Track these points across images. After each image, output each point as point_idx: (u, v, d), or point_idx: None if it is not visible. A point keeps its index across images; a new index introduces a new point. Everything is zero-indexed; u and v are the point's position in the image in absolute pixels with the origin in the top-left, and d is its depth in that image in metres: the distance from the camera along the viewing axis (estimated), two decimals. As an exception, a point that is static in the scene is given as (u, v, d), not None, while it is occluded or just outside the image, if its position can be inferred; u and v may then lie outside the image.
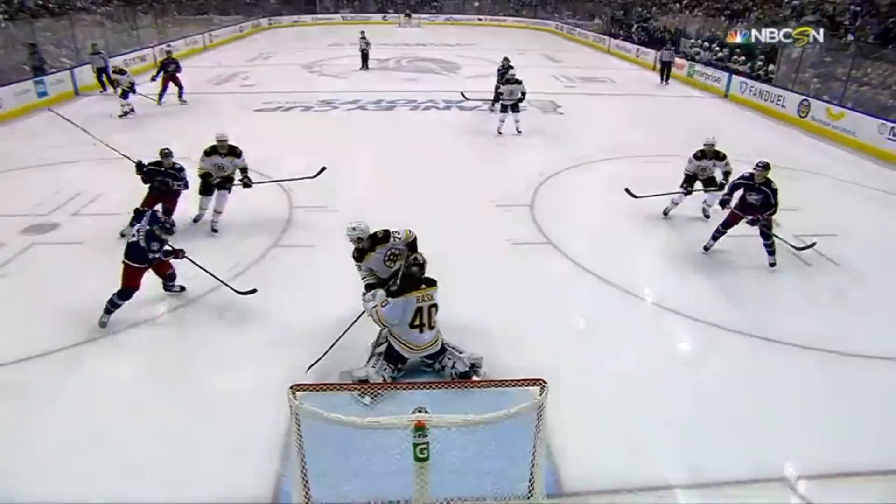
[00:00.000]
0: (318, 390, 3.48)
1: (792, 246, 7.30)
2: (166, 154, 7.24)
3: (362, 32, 21.12)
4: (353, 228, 5.27)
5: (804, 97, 14.49)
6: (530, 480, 3.69)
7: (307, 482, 3.63)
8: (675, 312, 6.18)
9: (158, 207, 7.05)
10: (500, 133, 12.45)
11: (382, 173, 10.31)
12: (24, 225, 7.90)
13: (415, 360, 4.95)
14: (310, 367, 4.91)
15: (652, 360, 5.49)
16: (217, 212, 7.74)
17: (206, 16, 31.28)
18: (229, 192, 7.78)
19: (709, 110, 16.26)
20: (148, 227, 5.60)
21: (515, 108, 12.38)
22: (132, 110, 13.87)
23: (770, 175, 6.82)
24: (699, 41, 21.41)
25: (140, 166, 7.25)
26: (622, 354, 5.50)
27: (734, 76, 17.62)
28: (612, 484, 4.05)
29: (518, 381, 3.36)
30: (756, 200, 6.86)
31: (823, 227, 8.10)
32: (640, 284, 6.68)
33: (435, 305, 4.82)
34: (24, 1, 20.65)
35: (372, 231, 5.35)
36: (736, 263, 7.24)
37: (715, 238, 7.30)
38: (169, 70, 14.90)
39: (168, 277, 6.14)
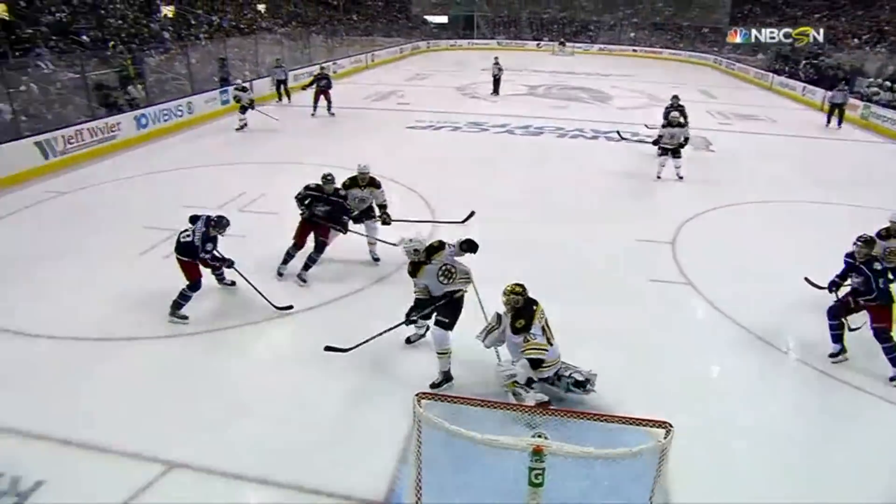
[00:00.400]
0: (443, 400, 3.57)
1: None
2: (329, 180, 6.89)
3: (496, 59, 21.23)
4: (410, 240, 5.23)
5: None
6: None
7: (420, 489, 3.74)
8: (820, 371, 5.65)
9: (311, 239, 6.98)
10: (659, 177, 11.52)
11: (524, 196, 10.38)
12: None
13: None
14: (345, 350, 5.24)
15: (792, 418, 5.07)
16: (372, 242, 7.53)
17: (370, 37, 33.49)
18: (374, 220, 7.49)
19: (884, 159, 14.68)
20: (204, 229, 6.03)
21: (676, 153, 11.39)
22: (246, 125, 14.71)
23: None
24: (879, 80, 19.44)
25: (301, 199, 6.97)
26: (757, 408, 5.12)
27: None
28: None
29: (643, 420, 3.25)
30: (857, 284, 5.62)
31: None
32: (781, 335, 6.20)
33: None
34: (221, 22, 23.31)
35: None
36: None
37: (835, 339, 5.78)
38: (321, 85, 16.28)
39: (219, 274, 6.70)
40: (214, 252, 6.14)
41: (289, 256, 7.01)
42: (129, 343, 5.77)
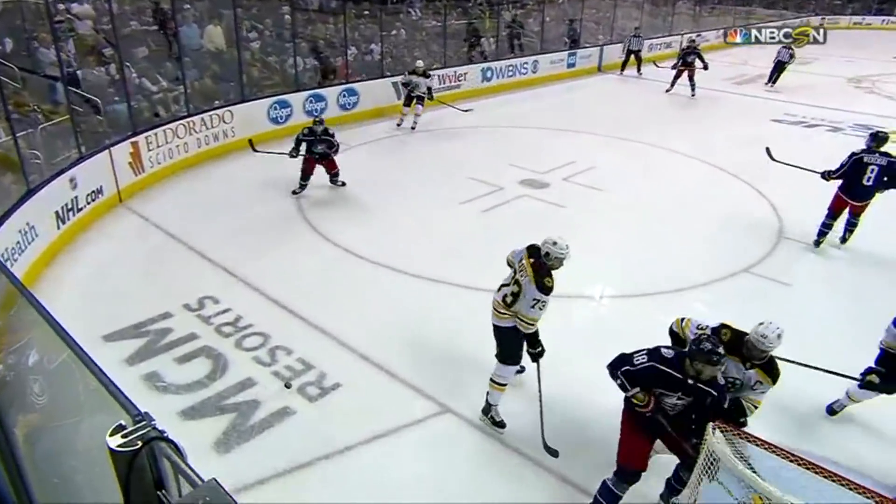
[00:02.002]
0: (745, 438, 3.33)
1: None
2: (318, 122, 8.64)
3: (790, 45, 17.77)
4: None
5: None
6: None
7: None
8: None
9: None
10: None
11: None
12: (523, 177, 9.58)
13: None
14: None
15: None
16: (416, 115, 11.91)
17: (747, 7, 31.07)
18: (421, 103, 11.78)
19: None
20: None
21: None
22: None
23: None
24: None
25: (297, 144, 8.70)
26: None
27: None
28: None
29: (853, 484, 2.69)
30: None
31: None
32: None
33: None
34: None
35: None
36: None
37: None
38: (688, 61, 15.51)
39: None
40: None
41: (301, 188, 8.84)
42: (456, 290, 6.54)
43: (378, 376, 5.21)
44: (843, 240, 7.76)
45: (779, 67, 17.52)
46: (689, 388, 3.58)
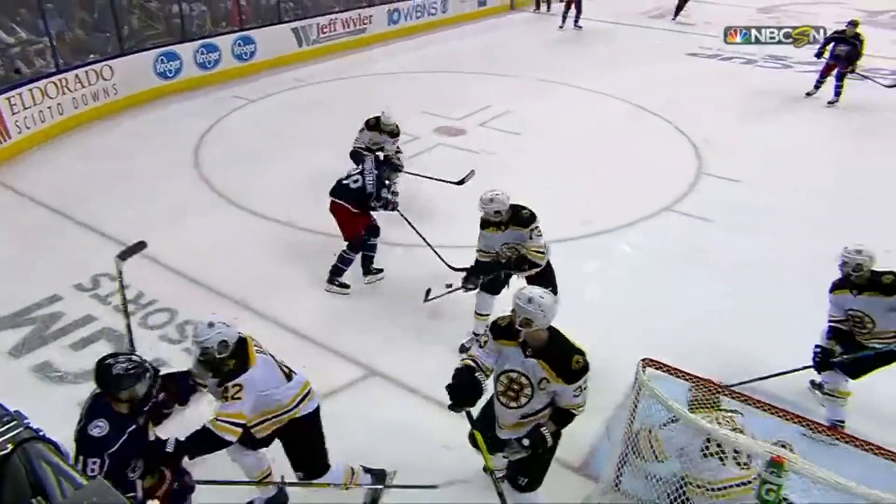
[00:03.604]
0: (671, 373, 3.49)
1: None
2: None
3: None
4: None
5: None
6: None
7: (623, 464, 3.76)
8: None
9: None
10: None
11: (821, 161, 9.17)
12: (437, 125, 9.50)
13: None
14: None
15: None
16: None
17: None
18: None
19: None
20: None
21: None
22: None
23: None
24: None
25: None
26: None
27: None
28: None
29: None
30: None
31: None
32: None
33: None
34: None
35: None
36: None
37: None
38: None
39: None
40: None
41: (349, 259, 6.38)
42: None
43: (297, 341, 5.13)
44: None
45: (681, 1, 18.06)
46: None
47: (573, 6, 16.05)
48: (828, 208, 7.48)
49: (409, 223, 6.09)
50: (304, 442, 3.57)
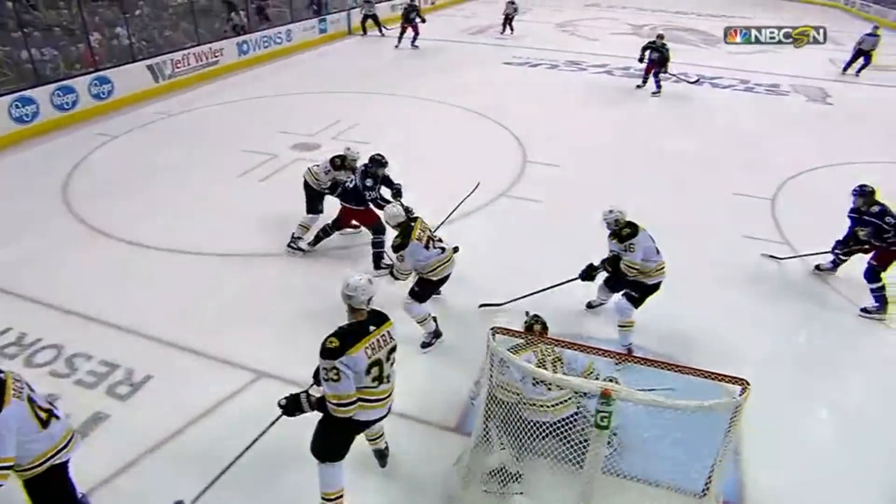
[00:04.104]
0: (518, 336, 3.67)
1: None
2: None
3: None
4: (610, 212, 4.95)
5: None
6: (707, 480, 3.56)
7: (489, 419, 3.90)
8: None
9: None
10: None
11: (616, 139, 10.06)
12: (294, 142, 9.27)
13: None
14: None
15: (855, 378, 4.99)
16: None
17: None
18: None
19: None
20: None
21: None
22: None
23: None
24: None
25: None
26: (847, 383, 4.95)
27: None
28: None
29: (719, 375, 3.21)
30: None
31: None
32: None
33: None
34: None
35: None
36: None
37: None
38: (410, 18, 16.14)
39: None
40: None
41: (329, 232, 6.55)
42: (246, 260, 6.24)
43: (187, 359, 4.84)
44: None
45: (507, 18, 18.76)
46: None
47: (410, 29, 16.19)
48: (630, 180, 8.12)
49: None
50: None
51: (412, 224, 4.86)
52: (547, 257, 6.16)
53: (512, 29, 19.05)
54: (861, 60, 15.35)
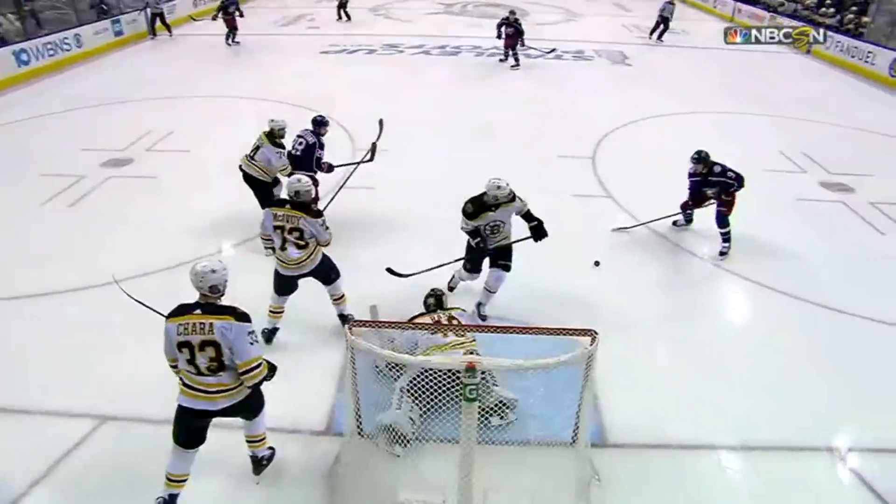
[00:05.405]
0: (375, 327, 3.60)
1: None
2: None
3: None
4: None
5: (898, 53, 13.44)
6: (575, 429, 3.77)
7: (360, 416, 3.83)
8: (731, 272, 6.09)
9: None
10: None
11: (444, 118, 10.26)
12: (103, 159, 8.34)
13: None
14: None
15: (701, 318, 5.48)
16: None
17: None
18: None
19: (790, 68, 15.31)
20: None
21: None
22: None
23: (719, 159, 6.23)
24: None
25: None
26: (674, 312, 5.49)
27: (819, 29, 16.48)
28: (655, 439, 4.09)
29: (569, 330, 3.38)
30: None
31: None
32: (697, 242, 6.57)
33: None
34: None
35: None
36: (806, 227, 6.98)
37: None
38: (230, 11, 15.05)
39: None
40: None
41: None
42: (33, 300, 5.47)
43: (17, 420, 4.18)
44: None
45: (341, 5, 18.65)
46: None
47: (228, 26, 15.16)
48: (464, 157, 8.31)
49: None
50: None
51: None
52: (382, 242, 6.18)
53: (349, 16, 18.78)
54: (661, 26, 16.94)
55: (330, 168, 6.46)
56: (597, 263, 5.64)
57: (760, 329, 5.37)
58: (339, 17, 18.77)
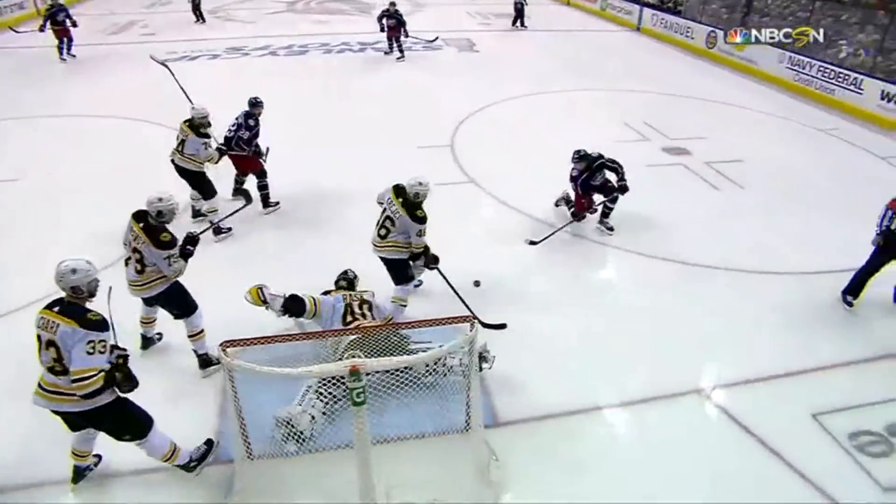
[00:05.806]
0: (249, 344, 3.39)
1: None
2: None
3: None
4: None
5: (711, 28, 14.88)
6: (467, 414, 3.83)
7: (247, 438, 3.63)
8: (598, 243, 6.47)
9: None
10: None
11: (299, 119, 9.94)
12: None
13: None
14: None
15: (574, 287, 5.77)
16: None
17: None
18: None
19: (621, 44, 16.50)
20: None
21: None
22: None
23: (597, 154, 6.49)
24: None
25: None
26: (544, 283, 5.75)
27: (645, 9, 17.89)
28: (544, 410, 4.24)
29: (448, 319, 3.42)
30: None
31: (729, 153, 8.59)
32: (560, 216, 6.88)
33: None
34: None
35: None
36: (657, 192, 7.51)
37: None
38: (59, 19, 13.39)
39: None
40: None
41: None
42: None
43: None
44: None
45: (194, 5, 17.88)
46: None
47: (58, 34, 13.41)
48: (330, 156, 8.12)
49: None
50: None
51: None
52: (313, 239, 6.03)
53: (203, 18, 17.99)
54: (516, 15, 17.63)
55: (257, 152, 6.56)
56: (477, 284, 5.59)
57: (628, 292, 5.73)
58: (197, 19, 17.89)
